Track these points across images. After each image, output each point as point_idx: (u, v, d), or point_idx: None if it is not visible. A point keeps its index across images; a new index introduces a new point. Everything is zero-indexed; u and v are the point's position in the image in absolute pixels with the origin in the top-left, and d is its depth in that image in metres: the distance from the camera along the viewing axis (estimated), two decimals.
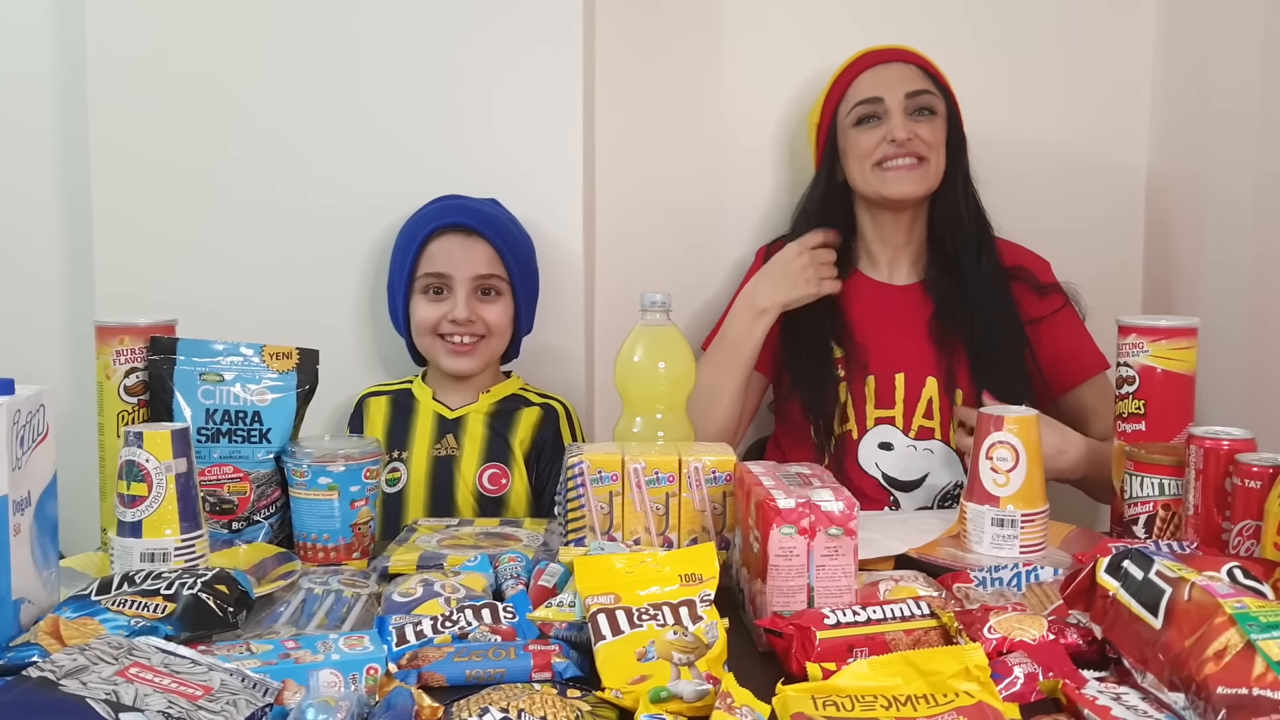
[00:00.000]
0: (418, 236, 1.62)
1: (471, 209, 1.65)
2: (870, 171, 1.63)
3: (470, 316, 1.59)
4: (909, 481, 1.64)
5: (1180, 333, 1.31)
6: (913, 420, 1.64)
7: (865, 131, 1.64)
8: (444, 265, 1.60)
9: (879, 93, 1.63)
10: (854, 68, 1.69)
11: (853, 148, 1.65)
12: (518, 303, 1.65)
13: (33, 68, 1.81)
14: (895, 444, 1.64)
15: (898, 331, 1.67)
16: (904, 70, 1.65)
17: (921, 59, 1.70)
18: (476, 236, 1.61)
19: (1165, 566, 0.90)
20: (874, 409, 1.65)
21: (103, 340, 1.30)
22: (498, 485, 1.60)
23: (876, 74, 1.66)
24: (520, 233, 1.69)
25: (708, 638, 0.94)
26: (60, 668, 0.79)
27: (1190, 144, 1.83)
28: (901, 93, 1.62)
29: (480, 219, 1.62)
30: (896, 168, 1.62)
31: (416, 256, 1.62)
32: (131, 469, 1.12)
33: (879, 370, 1.65)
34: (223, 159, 1.76)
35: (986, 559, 1.22)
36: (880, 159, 1.62)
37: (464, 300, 1.59)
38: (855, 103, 1.65)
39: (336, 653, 0.89)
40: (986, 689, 0.85)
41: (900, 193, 1.62)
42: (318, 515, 1.25)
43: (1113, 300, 1.80)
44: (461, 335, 1.60)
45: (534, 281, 1.70)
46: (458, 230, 1.61)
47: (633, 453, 1.20)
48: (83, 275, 1.80)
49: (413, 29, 1.75)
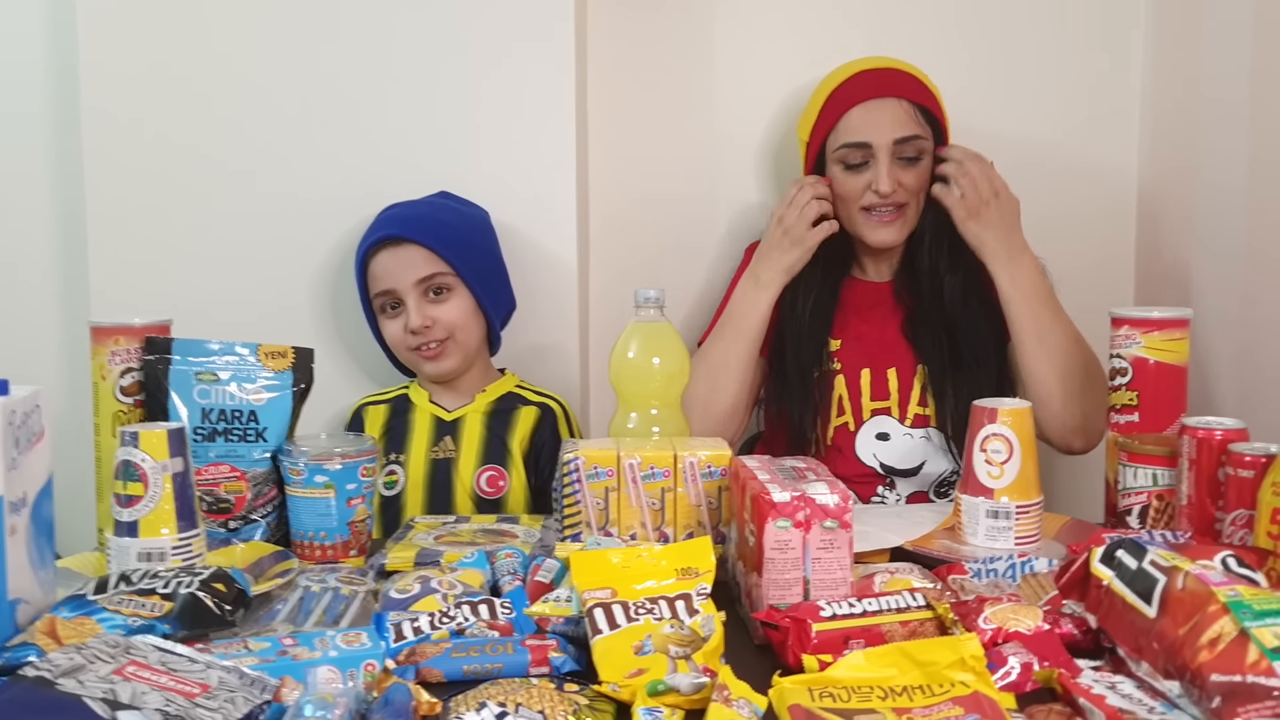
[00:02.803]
0: (359, 258, 1.63)
1: (399, 217, 1.63)
2: (855, 215, 1.64)
3: (425, 322, 1.58)
4: (907, 470, 1.65)
5: (1172, 324, 1.32)
6: (908, 408, 1.65)
7: (851, 175, 1.63)
8: (386, 281, 1.60)
9: (867, 138, 1.61)
10: (846, 96, 1.65)
11: (838, 187, 1.64)
12: (475, 292, 1.62)
13: (26, 74, 1.81)
14: (892, 433, 1.65)
15: (884, 327, 1.68)
16: (896, 111, 1.62)
17: (914, 86, 1.65)
18: (407, 243, 1.59)
19: (1159, 556, 0.90)
20: (870, 401, 1.66)
21: (98, 341, 1.30)
22: (495, 488, 1.60)
23: (867, 113, 1.62)
24: (458, 221, 1.65)
25: (704, 631, 0.94)
26: (57, 667, 0.79)
27: (1181, 138, 1.84)
28: (890, 139, 1.60)
29: (406, 225, 1.60)
30: (878, 216, 1.62)
31: (364, 278, 1.63)
32: (128, 469, 1.12)
33: (873, 363, 1.66)
34: (213, 160, 1.75)
35: (981, 551, 1.23)
36: (864, 205, 1.62)
37: (414, 308, 1.58)
38: (843, 143, 1.63)
39: (334, 649, 0.90)
40: (982, 679, 0.86)
41: (879, 241, 1.64)
42: (315, 514, 1.25)
43: (1105, 294, 1.81)
44: (426, 342, 1.60)
45: (488, 264, 1.67)
46: (388, 243, 1.59)
47: (628, 448, 1.20)
48: (77, 276, 1.80)
49: (402, 26, 1.74)
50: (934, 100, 1.67)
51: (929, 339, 1.65)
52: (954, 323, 1.64)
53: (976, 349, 1.63)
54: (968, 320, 1.64)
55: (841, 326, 1.69)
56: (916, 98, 1.64)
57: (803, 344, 1.66)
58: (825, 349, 1.68)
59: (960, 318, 1.64)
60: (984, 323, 1.63)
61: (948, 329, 1.64)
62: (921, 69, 1.70)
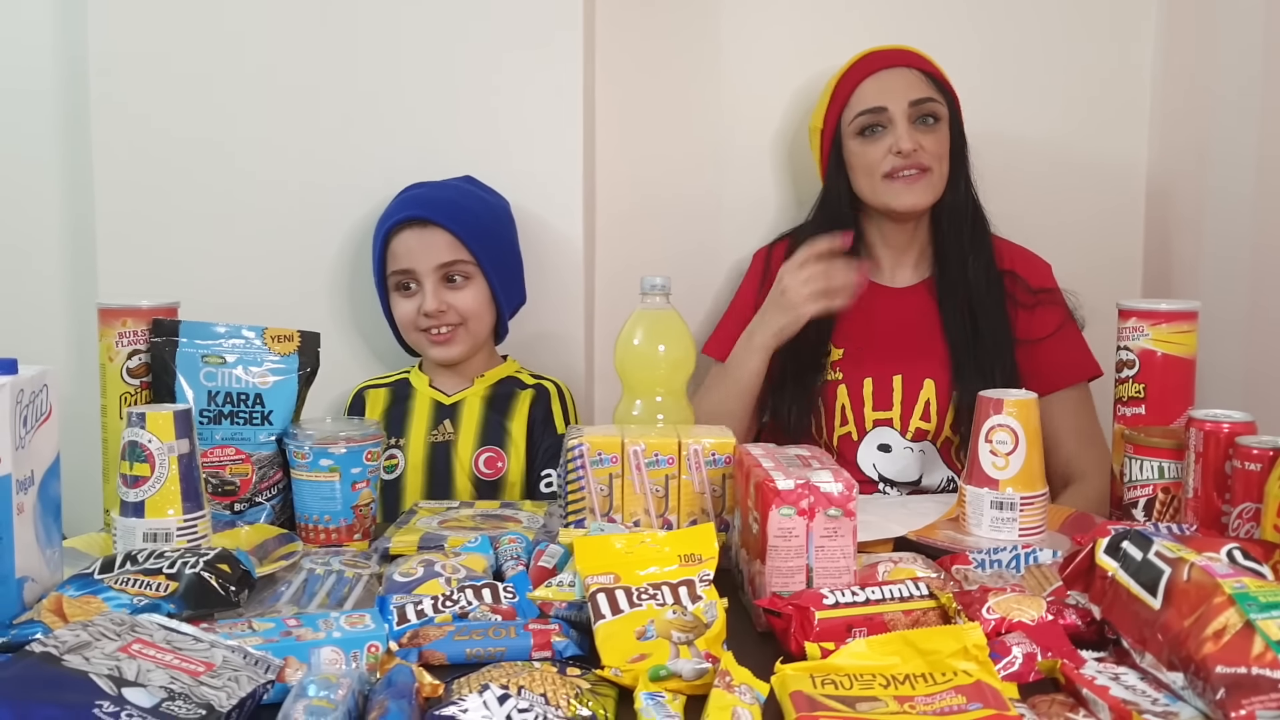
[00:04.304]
0: (380, 235, 1.62)
1: (426, 198, 1.63)
2: (878, 184, 1.61)
3: (440, 307, 1.58)
4: (906, 483, 1.64)
5: (1181, 316, 1.31)
6: (909, 422, 1.63)
7: (869, 143, 1.61)
8: (406, 261, 1.60)
9: (882, 101, 1.60)
10: (856, 73, 1.65)
11: (858, 160, 1.63)
12: (491, 282, 1.63)
13: (36, 62, 1.81)
14: (893, 445, 1.64)
15: (898, 334, 1.66)
16: (907, 76, 1.62)
17: (923, 60, 1.67)
18: (433, 226, 1.59)
19: (1164, 547, 0.90)
20: (872, 411, 1.64)
21: (105, 322, 1.31)
22: (494, 469, 1.60)
23: (879, 80, 1.62)
24: (484, 210, 1.66)
25: (706, 617, 0.94)
26: (63, 643, 0.79)
27: (1190, 135, 1.83)
28: (905, 101, 1.60)
29: (434, 208, 1.60)
30: (903, 179, 1.60)
31: (383, 255, 1.62)
32: (134, 449, 1.12)
33: (876, 373, 1.64)
34: (220, 147, 1.75)
35: (985, 541, 1.23)
36: (887, 171, 1.60)
37: (431, 292, 1.58)
38: (858, 112, 1.62)
39: (338, 630, 0.90)
40: (985, 668, 0.86)
41: (907, 205, 1.61)
42: (319, 497, 1.26)
43: (1113, 291, 1.78)
44: (437, 326, 1.60)
45: (507, 256, 1.67)
46: (414, 223, 1.59)
47: (632, 435, 1.20)
48: (85, 258, 1.81)
49: (413, 19, 1.74)
50: (944, 78, 1.66)
51: (950, 337, 1.62)
52: (974, 321, 1.61)
53: (993, 351, 1.60)
54: (988, 319, 1.61)
55: (845, 334, 1.65)
56: (927, 68, 1.65)
57: (801, 349, 1.61)
58: (825, 357, 1.65)
59: (984, 309, 1.61)
60: (1001, 330, 1.62)
61: (969, 329, 1.61)
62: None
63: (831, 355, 1.65)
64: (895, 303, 1.68)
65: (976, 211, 1.67)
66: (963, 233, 1.64)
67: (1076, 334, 1.67)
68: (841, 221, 1.64)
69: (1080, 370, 1.65)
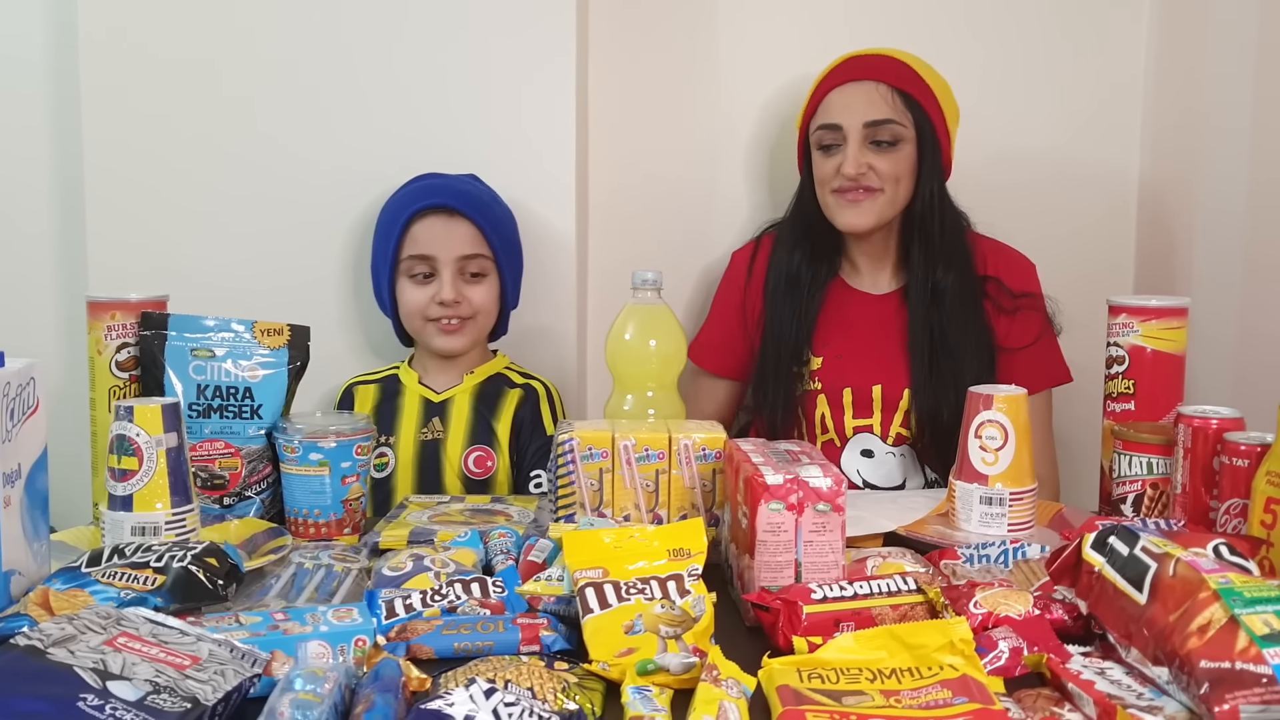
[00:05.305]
0: (400, 219, 1.61)
1: (453, 188, 1.63)
2: (828, 197, 1.63)
3: (457, 298, 1.59)
4: (890, 488, 1.63)
5: (1170, 312, 1.31)
6: (890, 428, 1.63)
7: (825, 158, 1.63)
8: (428, 248, 1.59)
9: (839, 119, 1.60)
10: (827, 82, 1.65)
11: (816, 171, 1.65)
12: (503, 280, 1.64)
13: (26, 52, 1.80)
14: (876, 451, 1.64)
15: (876, 340, 1.65)
16: (871, 93, 1.60)
17: (900, 69, 1.62)
18: (459, 217, 1.59)
19: (1150, 542, 0.90)
20: (852, 419, 1.64)
21: (94, 315, 1.30)
22: (483, 468, 1.60)
23: (843, 95, 1.62)
24: (501, 209, 1.68)
25: (695, 611, 0.94)
26: (48, 636, 0.79)
27: (1183, 142, 1.83)
28: (861, 121, 1.59)
29: (462, 199, 1.61)
30: (848, 198, 1.61)
31: (400, 239, 1.61)
32: (122, 443, 1.12)
33: (856, 383, 1.64)
34: (211, 139, 1.75)
35: (974, 537, 1.23)
36: (835, 188, 1.61)
37: (450, 282, 1.58)
38: (818, 125, 1.63)
39: (325, 624, 0.90)
40: (971, 662, 0.86)
41: (846, 224, 1.62)
42: (309, 491, 1.26)
43: (1105, 296, 1.79)
44: (450, 316, 1.60)
45: (517, 257, 1.69)
46: (440, 211, 1.59)
47: (623, 430, 1.20)
48: (75, 251, 1.80)
49: (405, 14, 1.74)
50: (922, 87, 1.62)
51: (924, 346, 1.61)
52: (948, 330, 1.60)
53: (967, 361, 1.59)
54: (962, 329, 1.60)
55: (824, 341, 1.65)
56: (897, 82, 1.61)
57: (781, 358, 1.63)
58: (804, 366, 1.65)
59: (957, 319, 1.61)
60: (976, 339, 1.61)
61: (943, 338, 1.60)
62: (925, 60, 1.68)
63: (811, 364, 1.65)
64: (874, 309, 1.68)
65: (951, 222, 1.65)
66: (931, 244, 1.63)
67: (1053, 341, 1.67)
68: (813, 219, 1.66)
69: (1051, 378, 1.66)
